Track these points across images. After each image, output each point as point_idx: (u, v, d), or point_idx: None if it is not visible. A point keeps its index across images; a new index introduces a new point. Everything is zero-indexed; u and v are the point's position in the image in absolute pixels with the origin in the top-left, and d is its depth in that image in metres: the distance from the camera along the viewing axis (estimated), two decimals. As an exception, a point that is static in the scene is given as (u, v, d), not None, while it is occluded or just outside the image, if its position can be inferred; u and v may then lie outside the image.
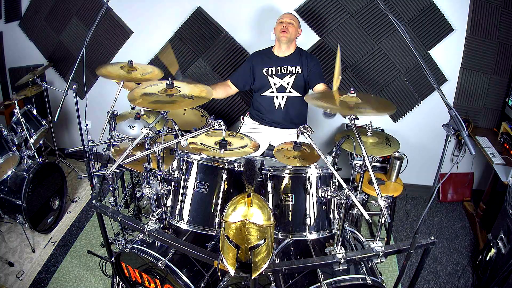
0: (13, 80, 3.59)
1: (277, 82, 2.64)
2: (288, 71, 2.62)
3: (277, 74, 2.64)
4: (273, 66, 2.63)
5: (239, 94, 3.36)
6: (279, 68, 2.63)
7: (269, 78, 2.65)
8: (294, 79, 2.62)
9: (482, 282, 2.37)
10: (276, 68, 2.63)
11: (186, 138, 1.86)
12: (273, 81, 2.65)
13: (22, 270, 2.59)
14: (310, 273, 1.75)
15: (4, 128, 2.68)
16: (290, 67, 2.61)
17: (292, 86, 2.63)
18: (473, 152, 1.28)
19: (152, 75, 2.34)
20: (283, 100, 2.67)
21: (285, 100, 2.67)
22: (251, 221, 1.36)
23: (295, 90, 2.65)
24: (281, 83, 2.64)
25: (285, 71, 2.62)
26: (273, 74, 2.64)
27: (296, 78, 2.62)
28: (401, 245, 1.66)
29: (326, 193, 1.74)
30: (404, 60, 3.02)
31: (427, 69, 1.37)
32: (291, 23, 2.56)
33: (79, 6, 3.34)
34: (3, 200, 2.64)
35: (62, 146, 3.90)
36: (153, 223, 1.78)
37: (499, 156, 2.68)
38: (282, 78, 2.63)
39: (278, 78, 2.64)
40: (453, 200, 3.40)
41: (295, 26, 2.58)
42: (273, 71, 2.64)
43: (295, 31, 2.60)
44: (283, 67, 2.62)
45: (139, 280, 1.98)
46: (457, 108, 3.07)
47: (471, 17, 2.83)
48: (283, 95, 2.67)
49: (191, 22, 3.19)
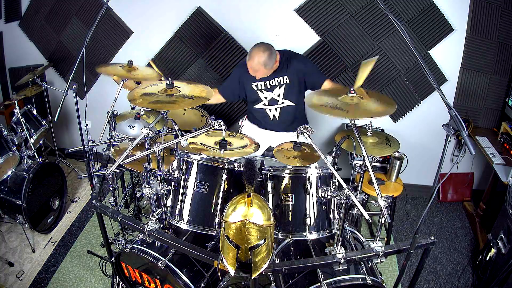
0: (13, 80, 3.59)
1: (267, 95, 2.59)
2: (276, 82, 2.54)
3: (266, 88, 2.57)
4: (261, 81, 2.54)
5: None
6: (267, 82, 2.54)
7: (259, 92, 2.60)
8: (284, 89, 2.55)
9: (482, 282, 2.37)
10: (265, 83, 2.55)
11: (186, 138, 1.86)
12: (264, 95, 2.60)
13: (22, 270, 2.59)
14: (310, 273, 1.76)
15: (4, 128, 2.69)
16: (278, 78, 2.53)
17: (284, 97, 2.58)
18: (473, 152, 1.28)
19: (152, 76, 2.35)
20: (277, 111, 2.64)
21: (279, 111, 2.63)
22: (251, 221, 1.36)
23: (287, 99, 2.59)
24: (272, 95, 2.58)
25: (273, 83, 2.55)
26: (263, 89, 2.58)
27: (286, 88, 2.55)
28: (401, 245, 1.66)
29: (326, 193, 1.74)
30: (404, 60, 3.02)
31: (427, 69, 1.37)
32: (258, 70, 2.40)
33: (79, 6, 3.34)
34: (3, 200, 2.64)
35: (62, 146, 3.90)
36: (153, 223, 1.78)
37: (499, 156, 2.67)
38: (272, 91, 2.57)
39: (268, 92, 2.58)
40: (453, 200, 3.40)
41: (264, 69, 2.39)
42: (262, 86, 2.57)
43: (268, 70, 2.42)
44: (270, 80, 2.53)
45: (139, 280, 1.98)
46: (457, 108, 3.07)
47: (471, 17, 2.82)
48: (276, 107, 2.62)
49: (191, 22, 3.19)
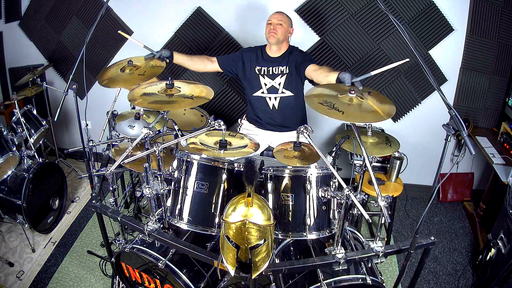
0: (13, 80, 3.59)
1: (267, 82, 2.60)
2: (279, 71, 2.56)
3: (268, 75, 2.59)
4: (265, 66, 2.56)
5: (238, 94, 3.36)
6: (271, 68, 2.57)
7: (260, 77, 2.60)
8: (285, 79, 2.57)
9: (482, 282, 2.37)
10: (268, 68, 2.57)
11: (186, 138, 1.86)
12: (264, 81, 2.60)
13: (22, 270, 2.59)
14: (310, 273, 1.76)
15: (4, 128, 2.69)
16: (281, 67, 2.55)
17: (284, 86, 2.59)
18: (473, 152, 1.28)
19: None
20: (277, 101, 2.63)
21: (278, 100, 2.63)
22: (251, 221, 1.36)
23: (288, 89, 2.60)
24: (272, 83, 2.59)
25: (277, 71, 2.57)
26: (265, 74, 2.59)
27: (287, 77, 2.57)
28: (401, 245, 1.66)
29: (326, 193, 1.74)
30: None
31: (427, 69, 1.37)
32: (280, 24, 2.44)
33: (79, 6, 3.34)
34: (3, 200, 2.64)
35: (62, 146, 3.90)
36: (153, 223, 1.78)
37: (499, 156, 2.67)
38: (273, 78, 2.59)
39: (269, 79, 2.59)
40: (453, 200, 3.40)
41: (284, 26, 2.46)
42: (265, 71, 2.58)
43: (285, 31, 2.47)
44: (274, 67, 2.56)
45: (139, 280, 1.98)
46: (457, 108, 3.07)
47: (471, 17, 2.82)
48: (275, 96, 2.62)
49: (191, 22, 3.19)
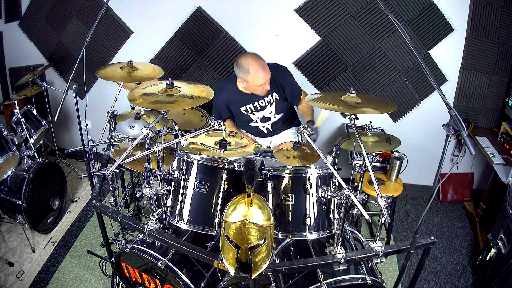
0: (13, 80, 3.58)
1: (259, 115, 2.55)
2: (266, 102, 2.49)
3: (256, 110, 2.53)
4: (249, 103, 2.49)
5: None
6: (256, 104, 2.49)
7: (250, 115, 2.55)
8: (275, 106, 2.52)
9: (482, 282, 2.37)
10: (254, 105, 2.49)
11: (186, 138, 1.86)
12: (255, 116, 2.56)
13: (22, 270, 2.59)
14: (310, 273, 1.76)
15: (4, 128, 2.68)
16: (266, 98, 2.47)
17: (276, 112, 2.56)
18: (473, 152, 1.28)
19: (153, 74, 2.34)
20: (270, 125, 2.63)
21: (271, 124, 2.62)
22: (251, 221, 1.36)
23: (279, 113, 2.57)
24: (263, 114, 2.55)
25: (264, 103, 2.49)
26: (253, 111, 2.53)
27: (276, 104, 2.52)
28: (401, 245, 1.66)
29: (326, 193, 1.74)
30: (404, 60, 3.01)
31: (427, 69, 1.37)
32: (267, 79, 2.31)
33: (79, 6, 3.33)
34: (3, 200, 2.64)
35: (62, 146, 3.90)
36: (153, 223, 1.78)
37: (499, 156, 2.67)
38: (263, 110, 2.53)
39: (259, 112, 2.54)
40: (453, 200, 3.40)
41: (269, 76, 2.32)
42: (252, 109, 2.51)
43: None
44: (259, 101, 2.48)
45: (139, 280, 1.98)
46: (457, 108, 3.07)
47: (471, 17, 2.82)
48: (268, 123, 2.61)
49: (191, 22, 3.19)
